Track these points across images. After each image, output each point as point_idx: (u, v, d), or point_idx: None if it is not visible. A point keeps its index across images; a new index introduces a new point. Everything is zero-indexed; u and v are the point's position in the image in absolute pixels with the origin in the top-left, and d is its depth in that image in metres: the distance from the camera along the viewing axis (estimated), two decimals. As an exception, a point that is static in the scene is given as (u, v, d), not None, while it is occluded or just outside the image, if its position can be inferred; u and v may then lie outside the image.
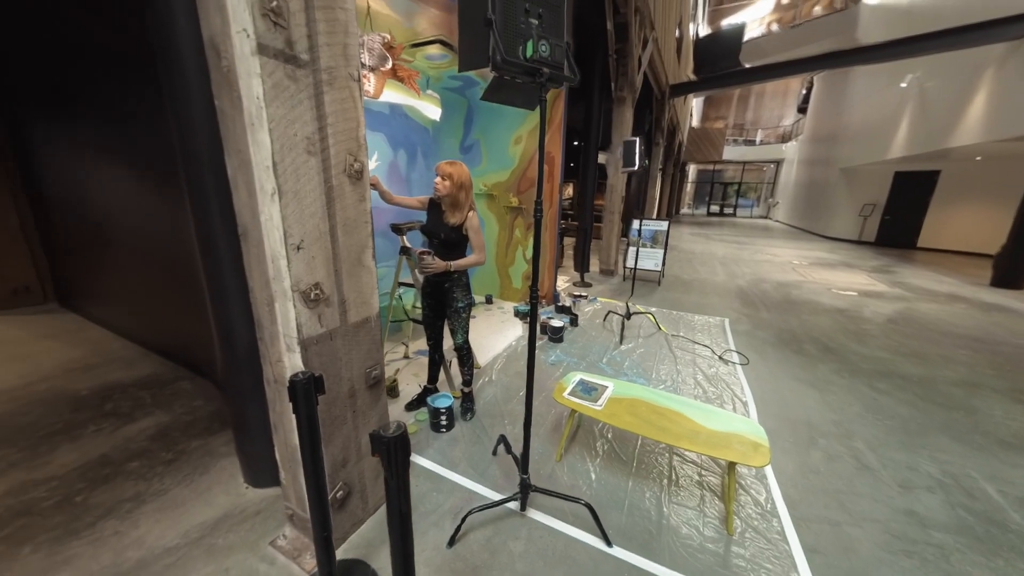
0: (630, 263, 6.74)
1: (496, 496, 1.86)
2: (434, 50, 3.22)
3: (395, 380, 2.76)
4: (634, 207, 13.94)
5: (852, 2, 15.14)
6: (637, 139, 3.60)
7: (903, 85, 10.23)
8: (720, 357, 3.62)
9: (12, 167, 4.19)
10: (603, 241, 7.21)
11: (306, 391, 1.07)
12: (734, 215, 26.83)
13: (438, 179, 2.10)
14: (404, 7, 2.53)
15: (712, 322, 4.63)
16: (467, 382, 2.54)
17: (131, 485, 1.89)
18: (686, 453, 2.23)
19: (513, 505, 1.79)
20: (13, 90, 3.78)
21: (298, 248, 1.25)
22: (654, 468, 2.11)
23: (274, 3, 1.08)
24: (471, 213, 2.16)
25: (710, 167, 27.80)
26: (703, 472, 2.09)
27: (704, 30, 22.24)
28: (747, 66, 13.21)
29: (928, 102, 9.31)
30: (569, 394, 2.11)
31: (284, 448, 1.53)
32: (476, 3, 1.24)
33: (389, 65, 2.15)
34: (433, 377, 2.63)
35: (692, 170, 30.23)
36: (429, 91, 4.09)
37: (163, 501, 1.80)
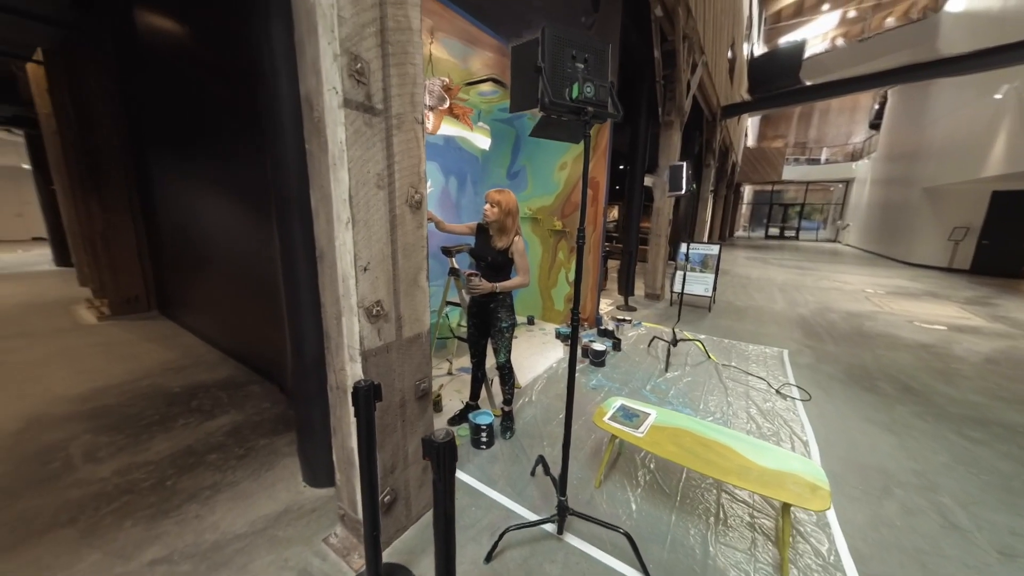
0: (677, 287, 6.54)
1: (533, 516, 1.87)
2: (486, 87, 3.49)
3: (439, 395, 2.88)
4: (683, 230, 13.51)
5: (931, 11, 14.05)
6: (684, 163, 3.57)
7: (998, 96, 9.21)
8: (777, 391, 3.38)
9: (135, 195, 5.02)
10: (649, 264, 7.06)
11: (367, 397, 1.19)
12: (796, 238, 25.04)
13: (487, 206, 2.25)
14: (461, 52, 2.78)
15: (769, 353, 4.34)
16: (508, 401, 2.60)
17: (210, 475, 2.13)
18: (736, 491, 2.10)
19: (550, 528, 1.79)
20: (143, 132, 4.58)
21: (365, 269, 1.41)
22: (700, 504, 2.01)
23: (359, 65, 1.28)
24: (517, 238, 2.27)
25: (768, 188, 26.36)
26: (755, 513, 1.95)
27: (760, 49, 21.60)
28: (807, 83, 12.59)
29: (1030, 114, 8.28)
30: (609, 419, 2.09)
31: (341, 451, 1.67)
32: (528, 52, 1.38)
33: (446, 105, 2.37)
34: (475, 394, 2.72)
35: (748, 191, 28.84)
36: (480, 123, 4.37)
37: (235, 492, 2.01)
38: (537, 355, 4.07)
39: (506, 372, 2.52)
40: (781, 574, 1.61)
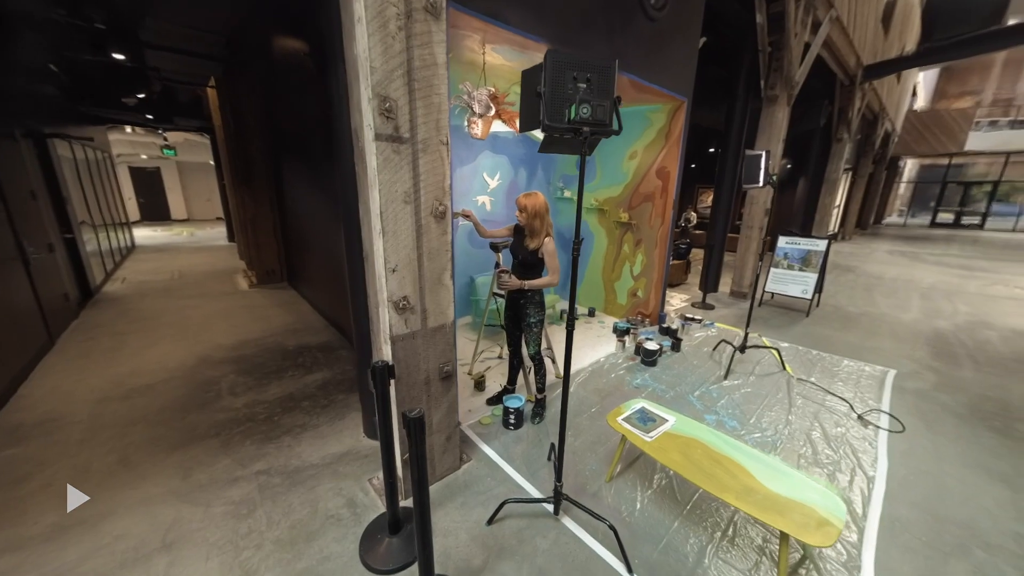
0: (772, 286, 5.85)
1: (538, 495, 2.07)
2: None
3: (482, 376, 3.19)
4: (800, 218, 11.73)
5: None
6: (763, 153, 3.18)
7: None
8: (860, 416, 2.95)
9: (273, 190, 6.28)
10: (737, 259, 6.39)
11: (383, 374, 1.51)
12: (980, 227, 19.47)
13: (517, 211, 2.41)
14: (516, 56, 2.91)
15: (867, 371, 3.72)
16: (540, 389, 2.79)
17: (302, 417, 2.78)
18: (759, 513, 2.00)
19: (550, 508, 1.97)
20: (278, 143, 5.69)
21: (394, 271, 1.72)
22: (710, 518, 1.98)
23: (387, 104, 1.55)
24: (547, 239, 2.39)
25: (944, 161, 20.74)
26: (770, 538, 1.86)
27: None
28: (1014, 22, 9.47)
29: None
30: (624, 419, 2.15)
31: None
32: (533, 78, 1.50)
33: (493, 112, 2.56)
34: (512, 379, 2.96)
35: (910, 166, 23.20)
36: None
37: (316, 432, 2.60)
38: (588, 348, 4.14)
39: (537, 362, 2.71)
40: (778, 603, 1.56)
